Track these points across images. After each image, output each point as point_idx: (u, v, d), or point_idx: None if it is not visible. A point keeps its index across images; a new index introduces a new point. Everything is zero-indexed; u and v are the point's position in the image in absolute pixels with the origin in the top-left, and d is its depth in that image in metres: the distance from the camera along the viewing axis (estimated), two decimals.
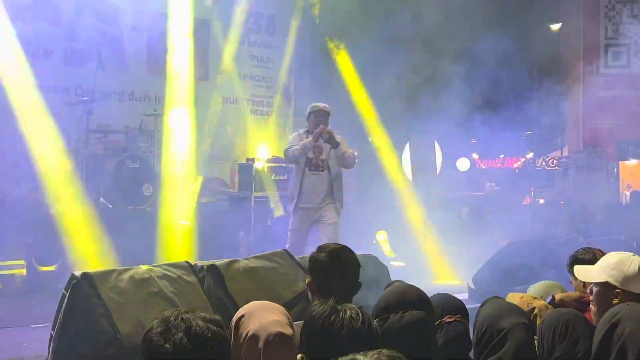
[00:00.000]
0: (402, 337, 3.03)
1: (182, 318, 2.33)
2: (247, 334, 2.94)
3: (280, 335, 2.93)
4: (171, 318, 2.33)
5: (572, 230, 10.66)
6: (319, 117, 8.28)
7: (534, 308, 3.86)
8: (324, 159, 8.27)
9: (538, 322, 3.57)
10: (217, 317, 2.47)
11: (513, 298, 4.02)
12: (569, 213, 12.98)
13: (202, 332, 2.32)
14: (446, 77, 12.53)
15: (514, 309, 3.45)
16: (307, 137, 8.24)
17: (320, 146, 8.24)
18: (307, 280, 3.83)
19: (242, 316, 3.04)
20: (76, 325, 4.35)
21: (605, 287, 3.56)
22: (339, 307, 2.61)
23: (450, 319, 3.47)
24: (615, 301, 3.46)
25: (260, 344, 2.91)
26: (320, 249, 3.87)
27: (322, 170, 8.28)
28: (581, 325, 3.37)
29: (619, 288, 3.50)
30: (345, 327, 2.54)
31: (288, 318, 3.07)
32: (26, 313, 7.53)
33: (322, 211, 8.26)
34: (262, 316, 3.00)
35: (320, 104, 8.41)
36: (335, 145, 8.23)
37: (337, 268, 3.74)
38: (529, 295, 4.14)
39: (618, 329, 3.10)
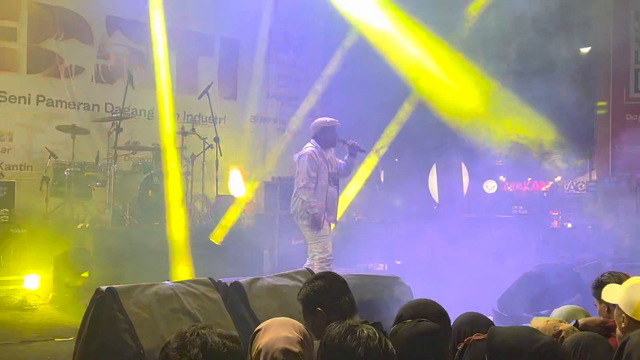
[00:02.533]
0: (412, 344, 3.01)
1: (198, 334, 2.35)
2: (258, 347, 2.97)
3: (285, 352, 2.93)
4: (187, 333, 2.35)
5: (599, 255, 10.54)
6: (337, 130, 8.41)
7: (560, 331, 3.83)
8: (335, 172, 8.45)
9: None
10: (234, 333, 2.48)
11: (538, 322, 3.99)
12: (597, 238, 12.84)
13: (218, 348, 2.33)
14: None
15: (535, 330, 3.40)
16: (325, 156, 8.28)
17: (331, 160, 8.38)
18: (317, 309, 3.79)
19: (259, 330, 3.07)
20: (100, 339, 4.38)
21: (619, 309, 3.56)
22: (355, 326, 2.61)
23: (480, 337, 3.44)
24: (622, 325, 3.46)
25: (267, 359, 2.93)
26: (312, 280, 3.96)
27: (337, 184, 8.52)
28: (601, 348, 3.34)
29: (624, 313, 3.49)
30: (361, 346, 2.53)
31: (304, 336, 3.06)
32: (52, 327, 7.57)
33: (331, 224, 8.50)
34: (276, 332, 3.01)
35: (335, 120, 8.48)
36: (357, 153, 8.50)
37: (339, 286, 3.86)
38: (554, 319, 4.10)
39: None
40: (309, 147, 8.33)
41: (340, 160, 8.57)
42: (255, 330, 3.10)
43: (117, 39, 12.35)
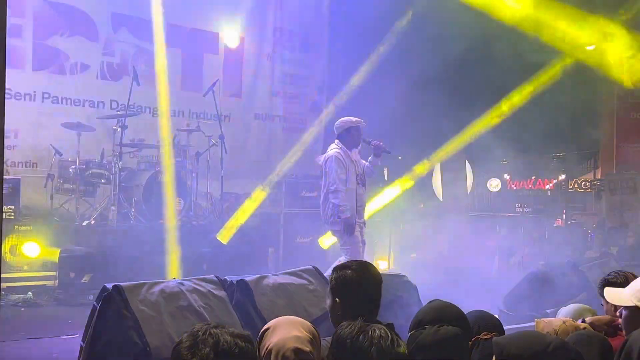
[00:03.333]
0: (436, 350, 3.00)
1: (210, 333, 2.35)
2: (267, 347, 2.96)
3: (296, 351, 2.92)
4: (199, 332, 2.36)
5: (603, 253, 10.54)
6: (361, 130, 8.30)
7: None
8: (362, 172, 8.33)
9: None
10: (247, 332, 2.48)
11: (552, 323, 3.95)
12: (601, 236, 12.84)
13: (230, 347, 2.33)
14: (479, 97, 12.51)
15: (540, 333, 3.37)
16: (349, 157, 8.18)
17: (357, 161, 8.26)
18: (336, 300, 3.67)
19: (267, 329, 3.06)
20: (106, 337, 4.39)
21: (634, 311, 3.49)
22: (367, 326, 2.60)
23: (487, 336, 3.44)
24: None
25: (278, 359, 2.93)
26: (344, 266, 3.75)
27: (365, 185, 8.38)
28: (595, 346, 3.32)
29: None
30: (374, 346, 2.53)
31: (313, 335, 3.04)
32: (57, 324, 7.59)
33: (362, 228, 8.33)
34: (285, 331, 2.99)
35: (360, 119, 8.38)
36: (381, 153, 8.37)
37: (366, 283, 3.67)
38: (570, 320, 4.06)
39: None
40: (335, 148, 8.17)
41: (364, 162, 8.47)
42: (263, 329, 3.09)
43: (123, 36, 12.34)
